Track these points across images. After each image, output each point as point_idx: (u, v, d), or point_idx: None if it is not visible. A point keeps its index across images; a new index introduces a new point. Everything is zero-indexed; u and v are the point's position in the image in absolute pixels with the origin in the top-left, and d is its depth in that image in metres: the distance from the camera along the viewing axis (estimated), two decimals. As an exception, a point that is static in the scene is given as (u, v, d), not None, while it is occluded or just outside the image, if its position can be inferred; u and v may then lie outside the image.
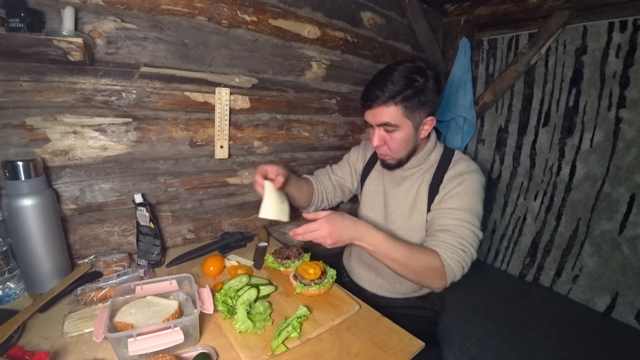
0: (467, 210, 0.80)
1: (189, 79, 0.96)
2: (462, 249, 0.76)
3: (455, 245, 0.76)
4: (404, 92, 0.77)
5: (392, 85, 0.77)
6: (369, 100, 0.81)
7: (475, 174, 0.85)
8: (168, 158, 0.98)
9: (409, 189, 0.92)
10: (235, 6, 0.99)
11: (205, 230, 1.11)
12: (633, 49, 1.46)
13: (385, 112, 0.79)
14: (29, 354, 0.51)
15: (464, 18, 1.79)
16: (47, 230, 0.69)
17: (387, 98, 0.77)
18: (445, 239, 0.77)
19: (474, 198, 0.82)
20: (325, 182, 1.11)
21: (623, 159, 1.55)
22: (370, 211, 1.03)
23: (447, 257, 0.74)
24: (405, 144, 0.84)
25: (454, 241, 0.76)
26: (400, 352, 0.60)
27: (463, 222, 0.79)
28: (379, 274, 1.00)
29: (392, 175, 0.97)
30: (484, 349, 1.40)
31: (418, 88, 0.77)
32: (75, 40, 0.66)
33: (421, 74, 0.78)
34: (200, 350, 0.55)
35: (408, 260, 0.73)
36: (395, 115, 0.79)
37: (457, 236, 0.77)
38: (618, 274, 1.60)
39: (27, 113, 0.75)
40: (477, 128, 2.10)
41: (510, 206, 2.02)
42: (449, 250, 0.75)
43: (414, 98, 0.77)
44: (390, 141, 0.84)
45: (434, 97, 0.81)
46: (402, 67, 0.79)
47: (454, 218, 0.80)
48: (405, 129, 0.81)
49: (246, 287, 0.72)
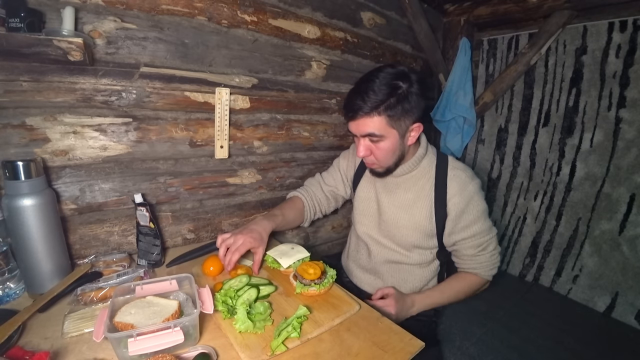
0: (484, 231, 0.89)
1: (189, 79, 0.96)
2: (492, 255, 0.91)
3: (488, 260, 0.91)
4: (387, 101, 0.74)
5: (374, 95, 0.74)
6: (351, 112, 0.79)
7: (475, 183, 0.89)
8: (168, 158, 0.98)
9: (403, 197, 0.92)
10: (235, 6, 0.99)
11: (205, 230, 1.11)
12: (633, 49, 1.46)
13: (369, 122, 0.77)
14: (29, 354, 0.51)
15: (464, 18, 1.79)
16: (47, 230, 0.69)
17: (370, 109, 0.75)
18: (477, 262, 0.91)
19: (483, 211, 0.89)
20: (318, 194, 1.11)
21: (623, 159, 1.55)
22: (363, 218, 1.02)
23: (485, 274, 0.92)
24: (391, 152, 0.83)
25: (484, 258, 0.91)
26: (400, 352, 0.60)
27: (483, 241, 0.90)
28: (378, 276, 1.00)
29: (384, 182, 0.96)
30: (484, 349, 1.40)
31: (401, 95, 0.75)
32: (75, 40, 0.66)
33: (404, 79, 0.76)
34: (200, 350, 0.55)
35: (458, 297, 0.93)
36: (379, 125, 0.77)
37: (487, 253, 0.91)
38: (618, 274, 1.60)
39: (27, 113, 0.75)
40: (477, 128, 2.10)
41: (510, 206, 2.02)
42: (486, 268, 0.91)
43: (398, 106, 0.75)
44: (377, 151, 0.82)
45: (418, 101, 0.79)
46: (384, 74, 0.77)
47: (476, 246, 0.90)
48: (390, 138, 0.79)
49: (246, 287, 0.71)
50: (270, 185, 1.25)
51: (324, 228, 1.49)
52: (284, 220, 0.97)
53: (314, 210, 1.09)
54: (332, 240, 1.55)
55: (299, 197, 1.08)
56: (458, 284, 0.93)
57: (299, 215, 1.05)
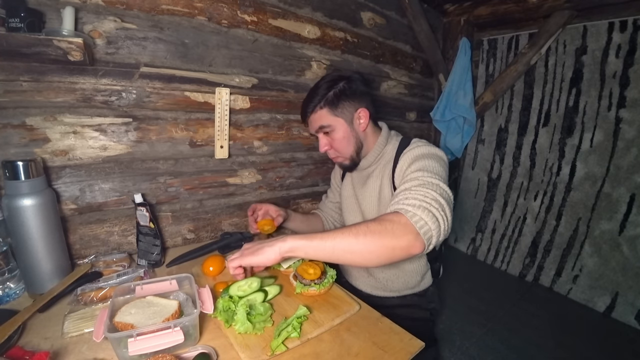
0: (421, 170, 0.71)
1: (189, 79, 0.96)
2: (420, 193, 0.64)
3: (412, 194, 0.64)
4: (326, 96, 0.85)
5: (316, 95, 0.86)
6: (303, 115, 0.91)
7: (428, 146, 0.80)
8: (168, 158, 0.98)
9: (373, 185, 0.94)
10: (235, 6, 0.99)
11: (205, 230, 1.11)
12: (633, 49, 1.46)
13: (316, 117, 0.87)
14: (29, 354, 0.51)
15: (464, 18, 1.79)
16: (47, 230, 0.69)
17: (314, 105, 0.86)
18: (400, 196, 0.66)
19: (429, 160, 0.74)
20: (329, 212, 1.18)
21: (623, 159, 1.55)
22: (350, 215, 1.05)
23: (404, 204, 0.62)
24: (346, 140, 0.88)
25: (409, 192, 0.65)
26: (400, 352, 0.60)
27: (418, 177, 0.69)
28: (370, 274, 1.01)
29: (359, 176, 1.00)
30: (484, 349, 1.40)
31: (338, 89, 0.85)
32: (75, 40, 0.66)
33: (342, 79, 0.86)
34: (200, 350, 0.55)
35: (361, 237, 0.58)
36: (325, 117, 0.86)
37: (414, 189, 0.65)
38: (618, 274, 1.60)
39: (27, 113, 0.75)
40: (477, 128, 2.10)
41: (510, 206, 2.02)
42: (405, 200, 0.63)
43: (336, 98, 0.85)
44: (333, 142, 0.89)
45: (358, 92, 0.87)
46: (327, 78, 0.89)
47: (410, 179, 0.70)
48: (340, 127, 0.87)
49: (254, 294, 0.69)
50: (270, 185, 1.25)
51: (324, 228, 1.50)
52: (302, 216, 1.12)
53: (332, 225, 1.17)
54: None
55: (318, 214, 1.18)
56: (363, 222, 0.62)
57: (317, 223, 1.16)
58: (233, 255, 0.65)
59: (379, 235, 0.58)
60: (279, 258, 0.60)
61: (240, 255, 0.63)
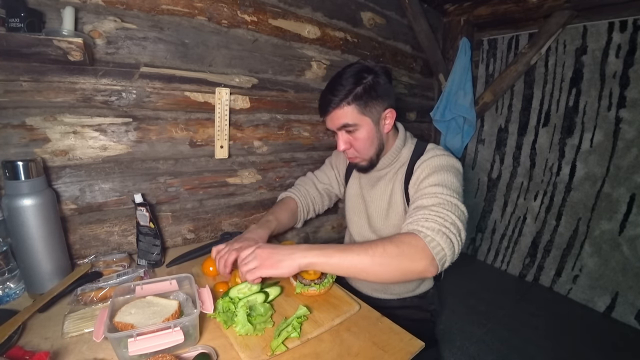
0: (439, 185, 0.72)
1: (189, 79, 0.96)
2: (439, 216, 0.65)
3: (431, 216, 0.65)
4: (354, 91, 0.77)
5: (341, 87, 0.78)
6: (324, 107, 0.82)
7: (446, 157, 0.80)
8: (168, 158, 0.98)
9: (384, 189, 0.91)
10: (235, 6, 0.99)
11: (205, 230, 1.11)
12: (633, 49, 1.46)
13: (340, 114, 0.79)
14: (29, 354, 0.51)
15: (464, 18, 1.79)
16: (47, 230, 0.69)
17: (339, 100, 0.78)
18: (419, 215, 0.67)
19: (447, 173, 0.75)
20: (312, 192, 1.09)
21: (623, 159, 1.55)
22: (354, 215, 1.02)
23: (423, 227, 0.63)
24: (370, 141, 0.83)
25: (428, 213, 0.66)
26: (400, 352, 0.60)
27: (436, 194, 0.70)
28: None
29: (368, 177, 0.96)
30: (484, 349, 1.40)
31: (367, 84, 0.78)
32: (75, 40, 0.66)
33: (369, 71, 0.79)
34: (200, 350, 0.55)
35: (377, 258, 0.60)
36: (351, 114, 0.79)
37: (433, 210, 0.66)
38: (618, 274, 1.60)
39: (27, 113, 0.75)
40: (477, 128, 2.10)
41: (510, 206, 2.02)
42: (424, 222, 0.64)
43: (365, 94, 0.78)
44: (355, 142, 0.83)
45: (387, 89, 0.81)
46: (350, 69, 0.81)
47: (427, 194, 0.71)
48: (365, 126, 0.80)
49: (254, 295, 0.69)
50: (270, 185, 1.25)
51: (324, 228, 1.49)
52: (279, 224, 0.95)
53: (308, 210, 1.08)
54: (332, 240, 1.55)
55: (292, 197, 1.05)
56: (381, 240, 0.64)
57: (292, 217, 1.03)
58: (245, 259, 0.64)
59: (396, 259, 0.60)
60: (296, 271, 0.62)
61: (259, 265, 0.62)
